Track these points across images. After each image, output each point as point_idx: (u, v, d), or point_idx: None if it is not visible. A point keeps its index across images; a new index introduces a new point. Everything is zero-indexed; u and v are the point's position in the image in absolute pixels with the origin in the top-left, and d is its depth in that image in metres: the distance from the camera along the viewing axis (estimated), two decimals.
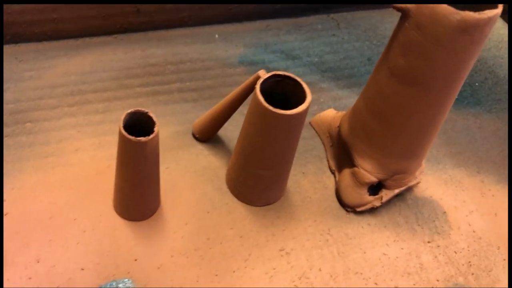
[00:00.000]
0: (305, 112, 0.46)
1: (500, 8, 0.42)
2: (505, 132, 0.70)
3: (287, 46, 0.75)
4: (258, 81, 0.47)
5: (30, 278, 0.47)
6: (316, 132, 0.65)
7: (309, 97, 0.46)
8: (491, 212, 0.62)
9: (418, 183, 0.60)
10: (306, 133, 0.65)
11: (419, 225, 0.59)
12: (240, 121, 0.52)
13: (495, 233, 0.60)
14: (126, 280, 0.48)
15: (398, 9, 0.45)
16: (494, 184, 0.64)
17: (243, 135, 0.50)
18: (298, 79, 0.48)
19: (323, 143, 0.64)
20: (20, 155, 0.55)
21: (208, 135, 0.60)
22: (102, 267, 0.49)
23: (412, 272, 0.55)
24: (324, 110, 0.67)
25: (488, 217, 0.61)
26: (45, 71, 0.64)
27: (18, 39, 0.66)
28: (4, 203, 0.51)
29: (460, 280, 0.55)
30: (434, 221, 0.60)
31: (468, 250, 0.58)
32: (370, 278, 0.54)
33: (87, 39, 0.69)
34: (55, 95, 0.62)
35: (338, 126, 0.60)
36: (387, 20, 0.83)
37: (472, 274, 0.56)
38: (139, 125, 0.45)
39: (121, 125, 0.43)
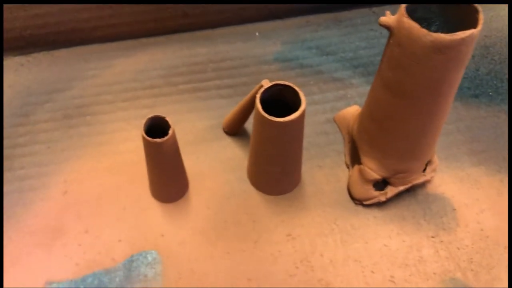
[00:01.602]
0: (298, 119, 0.52)
1: (477, 28, 0.44)
2: None
3: (323, 42, 0.80)
4: (259, 90, 0.53)
5: (79, 245, 0.59)
6: (338, 127, 0.70)
7: (303, 106, 0.52)
8: (504, 211, 0.63)
9: (426, 181, 0.63)
10: (329, 128, 0.70)
11: (425, 220, 0.62)
12: None
13: (505, 232, 0.61)
14: (153, 251, 0.59)
15: (383, 26, 0.48)
16: None
17: (252, 136, 0.58)
18: (297, 89, 0.53)
19: (344, 138, 0.69)
20: (80, 143, 0.68)
21: (234, 129, 0.67)
22: (135, 240, 0.60)
23: (410, 264, 0.59)
24: (350, 105, 0.71)
25: (500, 216, 0.62)
26: (105, 70, 0.76)
27: (84, 42, 0.78)
28: (65, 183, 0.64)
29: (458, 275, 0.58)
30: (441, 217, 0.63)
31: (472, 247, 0.60)
32: (367, 266, 0.59)
33: (142, 40, 0.80)
34: (112, 92, 0.73)
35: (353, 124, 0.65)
36: None
37: (472, 270, 0.59)
38: (161, 127, 0.54)
39: (143, 127, 0.53)
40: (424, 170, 0.62)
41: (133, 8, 0.75)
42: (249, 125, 0.68)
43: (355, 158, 0.64)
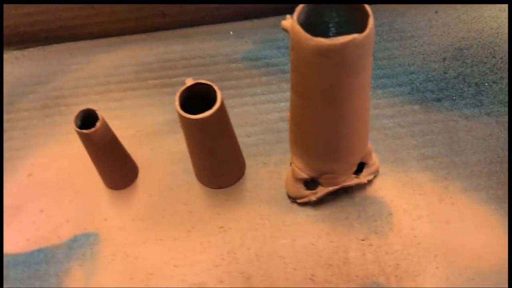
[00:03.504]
0: (212, 117, 0.54)
1: (362, 34, 0.44)
2: (497, 138, 0.66)
3: None
4: (180, 88, 0.56)
5: (33, 222, 0.66)
6: None
7: (217, 105, 0.54)
8: (443, 219, 0.61)
9: (359, 183, 0.62)
10: (281, 126, 0.72)
11: (358, 222, 0.62)
12: None
13: (439, 241, 0.60)
14: (95, 233, 0.64)
15: (284, 30, 0.50)
16: (458, 192, 0.63)
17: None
18: (215, 88, 0.56)
19: None
20: (52, 131, 0.74)
21: None
22: (80, 221, 0.65)
23: (333, 265, 0.60)
24: None
25: (437, 224, 0.61)
26: (87, 65, 0.82)
27: (74, 38, 0.85)
28: (32, 167, 0.71)
29: (381, 279, 0.58)
30: (376, 220, 0.62)
31: (401, 253, 0.60)
32: (291, 263, 0.60)
33: (126, 37, 0.85)
34: (88, 85, 0.79)
35: None
36: (410, 13, 0.81)
37: (396, 276, 0.58)
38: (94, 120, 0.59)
39: (75, 120, 0.58)
40: (361, 172, 0.62)
41: (113, 8, 0.80)
42: None
43: None
